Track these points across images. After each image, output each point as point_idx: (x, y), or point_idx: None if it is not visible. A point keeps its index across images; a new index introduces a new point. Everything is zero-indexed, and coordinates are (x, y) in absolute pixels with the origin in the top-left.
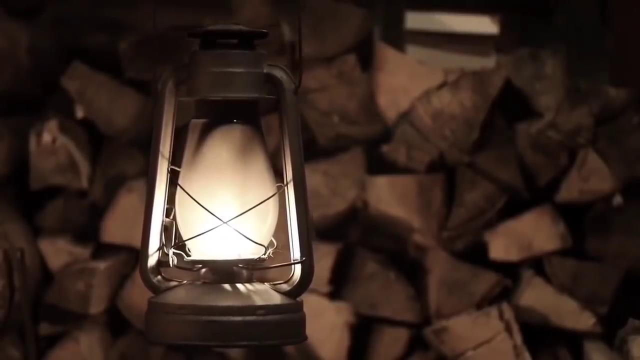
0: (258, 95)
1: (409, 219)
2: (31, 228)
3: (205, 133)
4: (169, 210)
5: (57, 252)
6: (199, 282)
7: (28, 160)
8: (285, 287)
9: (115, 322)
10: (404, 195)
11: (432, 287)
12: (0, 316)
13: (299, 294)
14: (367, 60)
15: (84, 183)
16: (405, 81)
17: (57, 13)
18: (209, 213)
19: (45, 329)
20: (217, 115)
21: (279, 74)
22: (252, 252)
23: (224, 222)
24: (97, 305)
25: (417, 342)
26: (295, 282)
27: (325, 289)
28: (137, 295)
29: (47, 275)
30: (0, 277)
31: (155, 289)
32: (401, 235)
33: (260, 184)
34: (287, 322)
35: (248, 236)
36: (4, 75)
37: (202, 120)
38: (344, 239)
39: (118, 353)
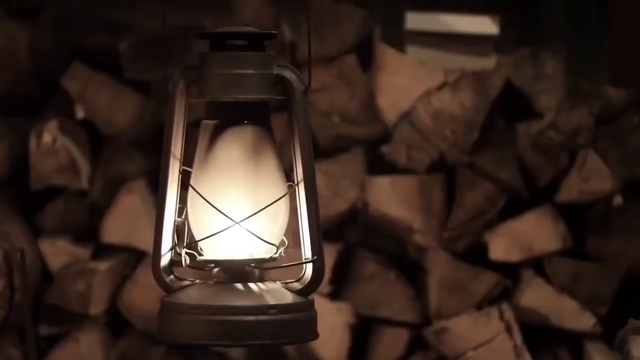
0: (268, 96)
1: (409, 220)
2: (31, 228)
3: (216, 134)
4: (181, 210)
5: (57, 252)
6: (211, 282)
7: (28, 161)
8: (297, 285)
9: (115, 323)
10: (404, 195)
11: (432, 288)
12: (1, 316)
13: (311, 293)
14: (367, 60)
15: (84, 183)
16: (405, 81)
17: (57, 13)
18: (221, 213)
19: (45, 329)
20: (228, 116)
21: (288, 74)
22: (264, 251)
23: (237, 223)
24: (97, 306)
25: (417, 343)
26: (307, 281)
27: (326, 289)
28: (137, 296)
29: (47, 276)
30: (0, 277)
31: (168, 289)
32: (401, 235)
33: (271, 183)
34: (300, 320)
35: (260, 236)
36: (4, 75)
37: (213, 122)
38: (345, 240)
39: (118, 353)
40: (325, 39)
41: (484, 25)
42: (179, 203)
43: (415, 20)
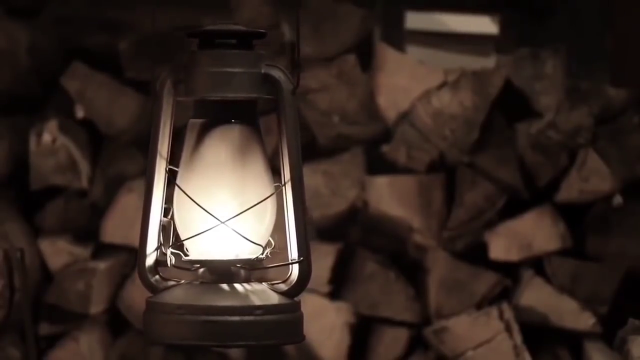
0: (256, 95)
1: (409, 219)
2: (31, 228)
3: (203, 133)
4: (167, 210)
5: (57, 252)
6: (197, 282)
7: (28, 160)
8: (283, 287)
9: (115, 322)
10: (404, 195)
11: (432, 287)
12: (0, 316)
13: (297, 294)
14: (367, 60)
15: (84, 183)
16: (405, 81)
17: (57, 13)
18: (207, 213)
19: (45, 329)
20: (216, 115)
21: (276, 74)
22: (250, 252)
23: (222, 222)
24: (97, 305)
25: (417, 342)
26: (293, 282)
27: (326, 289)
28: (137, 296)
29: (47, 275)
30: (0, 277)
31: (153, 289)
32: (401, 235)
33: (258, 183)
34: (285, 322)
35: (246, 236)
36: (4, 75)
37: (200, 120)
38: (344, 239)
39: (118, 353)
40: (325, 39)
41: (483, 25)
42: (166, 203)
43: (415, 20)
